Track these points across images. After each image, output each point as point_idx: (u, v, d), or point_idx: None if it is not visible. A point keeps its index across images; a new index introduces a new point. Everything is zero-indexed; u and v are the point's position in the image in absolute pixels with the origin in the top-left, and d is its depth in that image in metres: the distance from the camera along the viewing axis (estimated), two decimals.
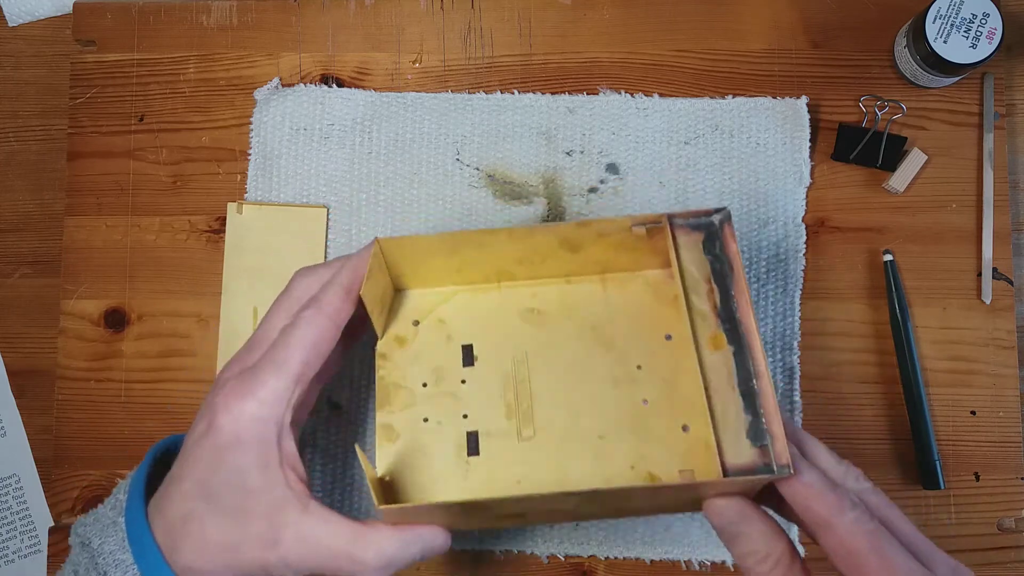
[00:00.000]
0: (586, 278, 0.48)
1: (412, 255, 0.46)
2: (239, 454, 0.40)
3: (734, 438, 0.40)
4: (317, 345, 0.42)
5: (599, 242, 0.46)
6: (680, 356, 0.46)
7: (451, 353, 0.47)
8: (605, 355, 0.46)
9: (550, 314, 0.48)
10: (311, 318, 0.42)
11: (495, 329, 0.47)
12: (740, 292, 0.43)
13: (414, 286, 0.49)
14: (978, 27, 0.53)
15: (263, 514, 0.40)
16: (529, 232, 0.45)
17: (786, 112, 0.57)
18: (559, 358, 0.46)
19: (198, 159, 0.58)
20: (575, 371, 0.46)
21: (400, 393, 0.45)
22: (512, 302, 0.48)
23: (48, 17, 0.62)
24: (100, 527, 0.41)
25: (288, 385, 0.41)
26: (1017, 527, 0.55)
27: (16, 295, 0.60)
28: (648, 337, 0.46)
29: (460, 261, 0.47)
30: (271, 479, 0.40)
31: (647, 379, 0.45)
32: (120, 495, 0.42)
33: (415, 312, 0.48)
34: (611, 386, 0.45)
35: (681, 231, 0.45)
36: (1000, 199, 0.56)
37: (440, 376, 0.46)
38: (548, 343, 0.47)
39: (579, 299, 0.48)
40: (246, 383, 0.41)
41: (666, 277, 0.48)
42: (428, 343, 0.47)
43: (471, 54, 0.59)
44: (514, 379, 0.46)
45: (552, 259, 0.47)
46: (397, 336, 0.47)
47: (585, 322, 0.47)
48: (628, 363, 0.46)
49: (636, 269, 0.48)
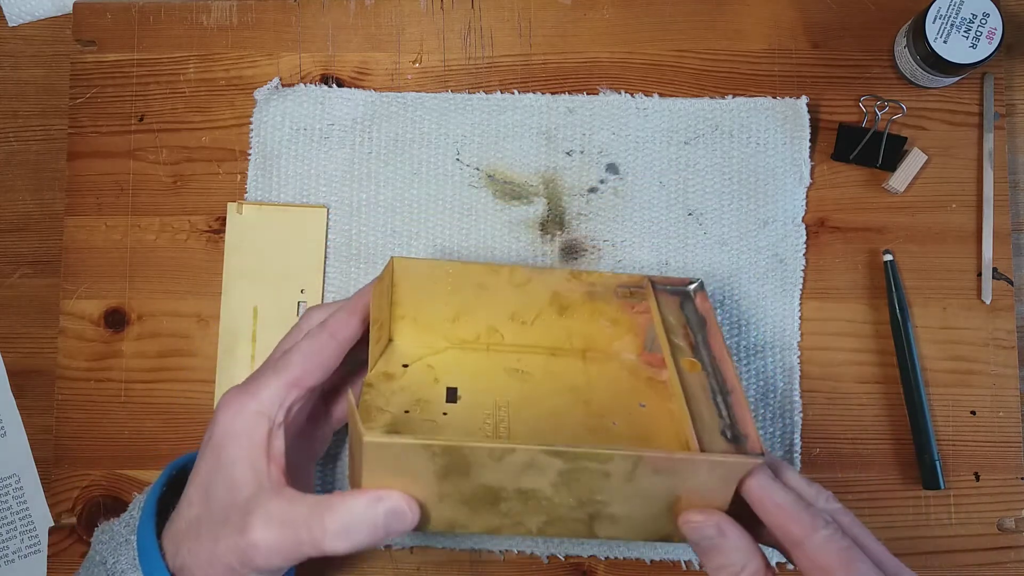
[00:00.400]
0: (569, 353, 0.52)
1: (418, 283, 0.49)
2: (232, 447, 0.41)
3: (710, 436, 0.42)
4: (317, 354, 0.45)
5: (585, 306, 0.51)
6: (654, 420, 0.47)
7: (436, 391, 0.48)
8: (583, 410, 0.48)
9: (533, 375, 0.50)
10: (313, 333, 0.45)
11: (481, 379, 0.49)
12: (713, 335, 0.47)
13: (408, 336, 0.51)
14: (978, 27, 0.53)
15: (242, 505, 0.40)
16: (528, 274, 0.49)
17: (786, 112, 0.57)
18: (539, 407, 0.48)
19: (198, 159, 0.58)
20: (553, 419, 0.47)
21: (382, 415, 0.45)
22: (499, 361, 0.51)
23: (48, 17, 0.61)
24: (114, 545, 0.42)
25: (284, 387, 0.43)
26: (1017, 527, 0.55)
27: (16, 295, 0.60)
28: (624, 403, 0.48)
29: (459, 304, 0.50)
30: (256, 473, 0.41)
31: (622, 434, 0.46)
32: (135, 512, 0.43)
33: (406, 359, 0.50)
34: (587, 434, 0.46)
35: (661, 293, 0.50)
36: (1000, 199, 0.56)
37: (423, 407, 0.47)
38: (529, 395, 0.49)
39: (561, 369, 0.51)
40: (247, 386, 0.44)
41: (642, 363, 0.52)
42: (415, 381, 0.48)
43: (471, 54, 0.59)
44: (494, 418, 0.47)
45: (540, 321, 0.51)
46: (386, 372, 0.49)
47: (566, 384, 0.50)
48: (604, 418, 0.47)
49: (614, 351, 0.52)
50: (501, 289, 0.50)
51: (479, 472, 0.40)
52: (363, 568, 0.55)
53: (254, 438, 0.42)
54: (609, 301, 0.51)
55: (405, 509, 0.40)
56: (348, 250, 0.57)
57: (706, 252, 0.56)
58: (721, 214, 0.56)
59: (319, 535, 0.39)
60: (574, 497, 0.42)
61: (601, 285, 0.51)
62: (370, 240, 0.57)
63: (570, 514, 0.42)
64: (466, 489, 0.41)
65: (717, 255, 0.56)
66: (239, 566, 0.40)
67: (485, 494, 0.41)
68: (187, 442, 0.56)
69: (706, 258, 0.56)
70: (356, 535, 0.39)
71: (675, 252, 0.56)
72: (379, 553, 0.55)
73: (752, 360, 0.55)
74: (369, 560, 0.55)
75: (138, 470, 0.56)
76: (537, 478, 0.41)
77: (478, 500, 0.42)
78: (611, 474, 0.40)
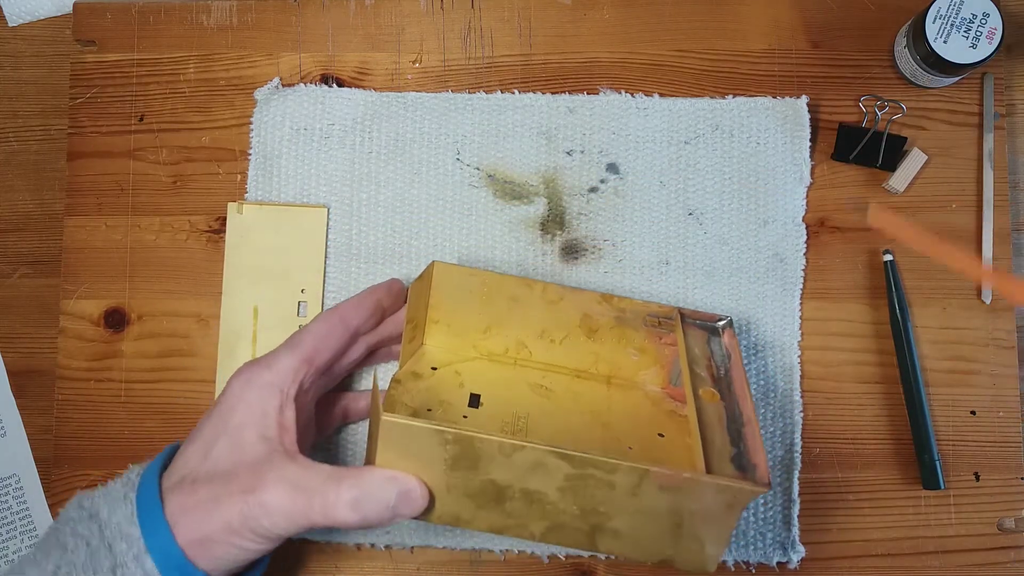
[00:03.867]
0: (594, 378, 0.53)
1: (454, 289, 0.51)
2: (242, 412, 0.42)
3: (719, 461, 0.43)
4: (327, 336, 0.47)
5: (613, 331, 0.52)
6: (671, 450, 0.48)
7: (460, 396, 0.49)
8: (601, 432, 0.49)
9: (557, 392, 0.51)
10: (325, 316, 0.48)
11: (505, 390, 0.51)
12: (736, 370, 0.48)
13: (439, 341, 0.53)
14: (978, 27, 0.53)
15: (251, 466, 0.41)
16: (560, 292, 0.51)
17: (786, 111, 0.57)
18: (557, 423, 0.49)
19: (198, 159, 0.58)
20: (569, 435, 0.48)
21: (405, 409, 0.47)
22: (524, 377, 0.52)
23: (48, 17, 0.61)
24: (110, 499, 0.42)
25: (297, 362, 0.45)
26: (1017, 527, 0.55)
27: (16, 295, 0.60)
28: (643, 431, 0.49)
29: (492, 314, 0.52)
30: (267, 439, 0.42)
31: (637, 458, 0.46)
32: (132, 476, 0.43)
33: (435, 363, 0.52)
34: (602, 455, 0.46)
35: (689, 326, 0.51)
36: (1000, 199, 0.56)
37: (445, 408, 0.48)
38: (550, 410, 0.50)
39: (584, 390, 0.52)
40: (261, 360, 0.45)
41: (665, 396, 0.52)
42: (441, 384, 0.50)
43: (471, 54, 0.59)
44: (512, 427, 0.48)
45: (569, 341, 0.52)
46: (415, 372, 0.50)
47: (587, 406, 0.51)
48: (621, 442, 0.48)
49: (639, 382, 0.53)
50: (534, 304, 0.52)
51: (488, 466, 0.41)
52: (363, 568, 0.55)
53: (266, 407, 0.43)
54: (638, 328, 0.52)
55: (417, 493, 0.41)
56: (349, 250, 0.57)
57: (706, 251, 0.56)
58: (721, 213, 0.56)
59: (332, 502, 0.40)
60: (578, 505, 0.42)
61: (631, 312, 0.52)
62: (371, 240, 0.57)
63: (573, 523, 0.43)
64: (473, 483, 0.42)
65: (717, 254, 0.56)
66: (239, 525, 0.40)
67: (491, 491, 0.42)
68: None
69: (706, 257, 0.56)
70: (367, 509, 0.40)
71: (675, 251, 0.56)
72: (379, 553, 0.55)
73: (752, 360, 0.55)
74: (369, 560, 0.55)
75: None
76: (544, 480, 0.41)
77: (484, 496, 0.42)
78: (616, 485, 0.41)
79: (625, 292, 0.56)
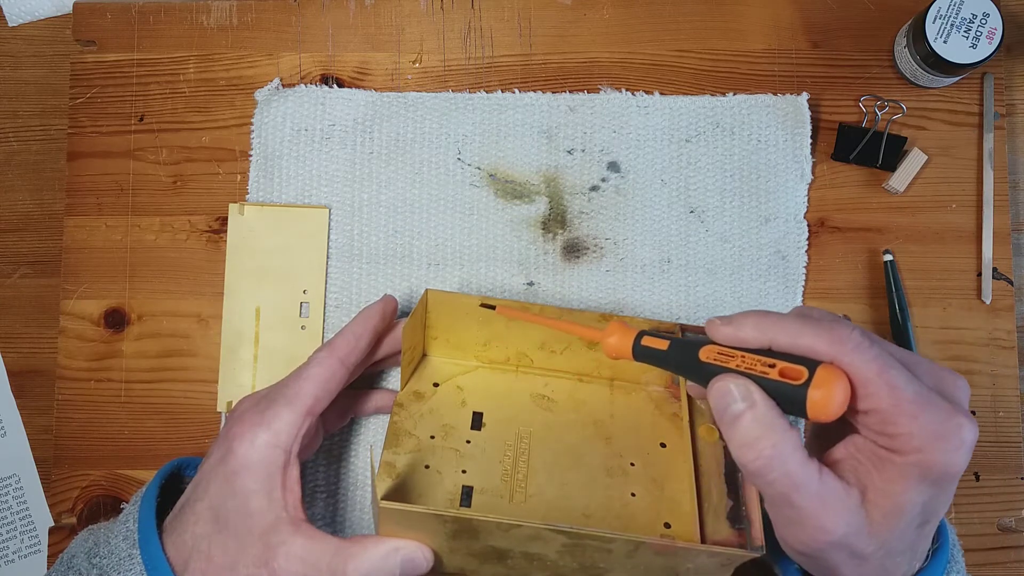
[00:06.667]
0: (596, 380, 0.52)
1: (450, 312, 0.50)
2: (247, 478, 0.42)
3: (715, 518, 0.43)
4: (327, 382, 0.46)
5: None
6: (672, 463, 0.48)
7: (462, 416, 0.49)
8: (603, 447, 0.49)
9: (559, 403, 0.51)
10: (322, 359, 0.46)
11: (507, 405, 0.50)
12: None
13: (440, 352, 0.52)
14: (978, 27, 0.53)
15: (260, 535, 0.42)
16: (558, 312, 0.49)
17: (787, 109, 0.57)
18: (560, 441, 0.49)
19: (198, 159, 0.58)
20: (572, 455, 0.48)
21: (409, 439, 0.48)
22: (526, 385, 0.52)
23: (48, 17, 0.61)
24: (116, 560, 0.42)
25: (299, 418, 0.44)
26: (1017, 527, 0.55)
27: (16, 295, 0.60)
28: (645, 442, 0.49)
29: (489, 333, 0.51)
30: (272, 502, 0.42)
31: (638, 476, 0.47)
32: (131, 524, 0.43)
33: (437, 376, 0.52)
34: (603, 474, 0.47)
35: None
36: (1000, 199, 0.56)
37: (448, 432, 0.48)
38: (552, 426, 0.50)
39: (587, 396, 0.52)
40: (262, 414, 0.44)
41: (668, 396, 0.52)
42: (443, 403, 0.50)
43: (471, 54, 0.59)
44: (515, 449, 0.48)
45: (570, 351, 0.51)
46: (416, 391, 0.50)
47: (589, 417, 0.50)
48: (623, 458, 0.48)
49: (642, 382, 0.52)
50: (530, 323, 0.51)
51: (487, 537, 0.42)
52: None
53: (270, 469, 0.43)
54: None
55: (420, 558, 0.43)
56: (350, 250, 0.57)
57: (708, 249, 0.56)
58: (723, 211, 0.56)
59: None
60: (578, 563, 0.43)
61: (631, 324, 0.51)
62: (372, 240, 0.57)
63: (574, 575, 0.44)
64: (475, 547, 0.43)
65: (719, 252, 0.56)
66: None
67: (493, 553, 0.43)
68: (187, 442, 0.56)
69: (708, 255, 0.56)
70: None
71: (677, 249, 0.56)
72: None
73: None
74: None
75: (138, 470, 0.56)
76: (543, 547, 0.42)
77: (486, 556, 0.44)
78: (614, 551, 0.42)
79: (627, 290, 0.56)
